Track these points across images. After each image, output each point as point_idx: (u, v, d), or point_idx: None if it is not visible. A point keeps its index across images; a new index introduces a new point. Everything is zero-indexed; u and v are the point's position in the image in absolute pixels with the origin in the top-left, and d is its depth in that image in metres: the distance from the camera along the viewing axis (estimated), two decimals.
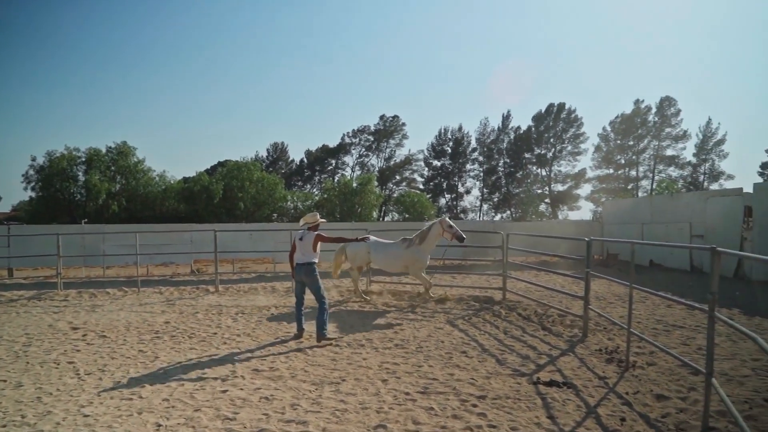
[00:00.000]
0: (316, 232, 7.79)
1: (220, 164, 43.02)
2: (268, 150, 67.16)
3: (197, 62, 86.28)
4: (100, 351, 7.25)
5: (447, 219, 10.71)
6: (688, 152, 56.99)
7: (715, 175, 55.56)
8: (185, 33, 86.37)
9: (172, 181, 36.89)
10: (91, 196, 32.90)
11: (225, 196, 34.22)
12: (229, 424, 4.49)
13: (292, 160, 67.48)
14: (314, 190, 57.58)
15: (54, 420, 4.64)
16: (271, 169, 58.25)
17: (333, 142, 64.93)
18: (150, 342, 7.77)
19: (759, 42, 72.68)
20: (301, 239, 7.74)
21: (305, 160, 65.94)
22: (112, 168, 34.98)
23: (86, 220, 22.37)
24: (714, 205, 16.25)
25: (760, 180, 51.15)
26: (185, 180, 37.17)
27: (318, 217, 8.03)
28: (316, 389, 5.47)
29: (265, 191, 35.82)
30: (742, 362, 6.19)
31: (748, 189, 15.43)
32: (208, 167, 48.52)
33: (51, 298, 12.18)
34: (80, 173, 34.58)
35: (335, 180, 48.03)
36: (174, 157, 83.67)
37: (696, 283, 13.55)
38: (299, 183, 64.32)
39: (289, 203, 39.28)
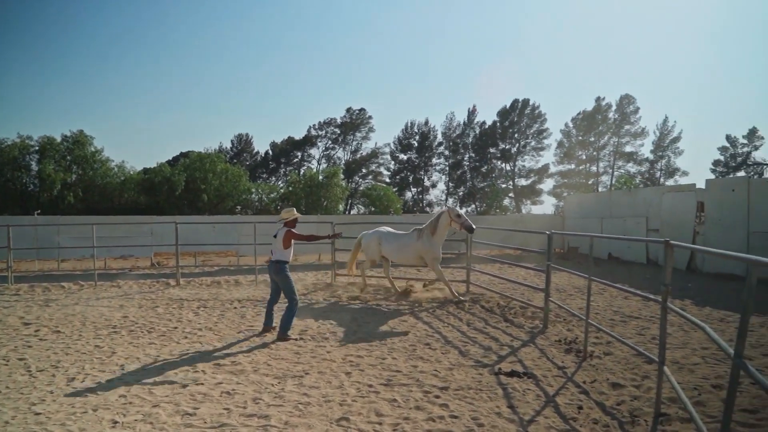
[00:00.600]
0: (287, 229, 7.64)
1: (183, 155, 41.93)
2: (232, 141, 65.81)
3: (158, 50, 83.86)
4: (53, 347, 7.00)
5: (456, 208, 10.24)
6: (646, 149, 58.82)
7: (671, 172, 57.48)
8: (145, 18, 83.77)
9: (131, 172, 35.83)
10: (45, 187, 31.62)
11: (187, 188, 33.48)
12: (189, 420, 4.41)
13: (257, 152, 66.36)
14: (279, 182, 56.86)
15: (2, 419, 4.46)
16: (235, 160, 57.14)
17: (299, 135, 64.21)
18: (107, 337, 7.55)
19: (713, 43, 75.43)
20: (275, 236, 7.68)
21: (270, 152, 64.97)
22: (68, 158, 33.70)
23: (39, 211, 21.49)
24: (669, 201, 16.83)
25: (712, 176, 53.27)
26: (146, 171, 36.14)
27: (294, 212, 7.86)
28: (279, 383, 5.42)
29: (229, 183, 35.20)
30: (692, 351, 6.44)
31: (701, 185, 16.05)
32: (170, 158, 47.27)
33: (1, 293, 11.67)
34: (33, 162, 33.20)
35: (301, 173, 47.59)
36: (134, 147, 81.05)
37: (651, 275, 14.02)
38: (264, 175, 63.35)
39: (253, 196, 38.71)
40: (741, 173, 49.00)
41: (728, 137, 55.29)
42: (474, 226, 9.78)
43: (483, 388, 5.24)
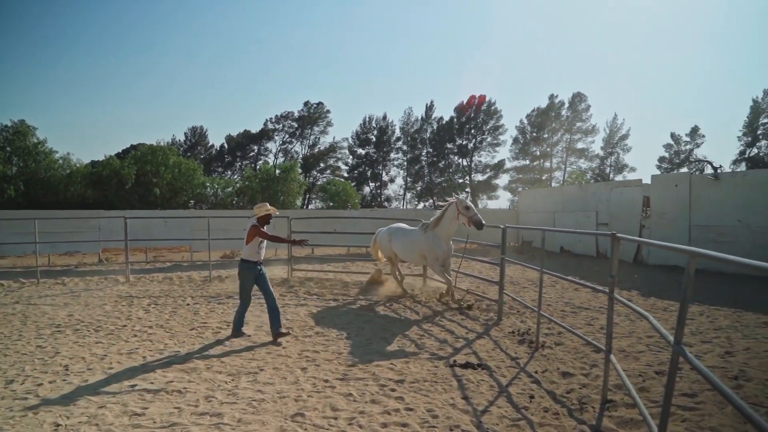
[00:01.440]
0: (251, 224, 7.14)
1: (133, 148, 40.48)
2: (186, 134, 64.04)
3: (107, 38, 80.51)
4: None
5: (466, 200, 8.87)
6: (597, 146, 60.78)
7: (620, 168, 59.58)
8: (94, 5, 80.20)
9: (78, 165, 34.31)
10: None
11: (138, 182, 32.31)
12: (137, 420, 4.26)
13: (212, 146, 64.86)
14: (235, 176, 55.77)
15: None
16: (189, 154, 55.66)
17: (255, 128, 63.14)
18: (50, 337, 7.21)
19: (659, 45, 78.51)
20: (245, 230, 7.24)
21: (226, 145, 63.64)
22: (8, 149, 31.96)
23: None
24: (617, 195, 17.45)
25: (658, 172, 55.58)
26: (93, 164, 34.68)
27: (267, 207, 7.29)
28: (233, 380, 5.32)
29: (182, 177, 34.18)
30: (638, 339, 6.70)
31: (647, 181, 16.72)
32: (119, 151, 45.57)
33: None
34: None
35: (257, 167, 46.79)
36: (80, 139, 77.55)
37: (601, 267, 14.52)
38: (219, 169, 62.05)
39: (208, 190, 37.75)
40: (684, 169, 51.31)
41: (672, 135, 57.92)
42: (484, 222, 8.48)
43: (438, 380, 5.30)
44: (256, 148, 63.52)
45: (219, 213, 21.44)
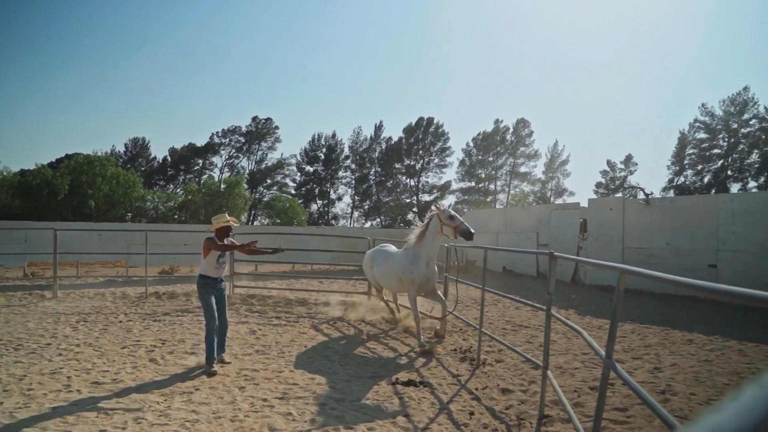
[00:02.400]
0: (206, 237, 6.48)
1: (68, 157, 38.58)
2: (126, 145, 61.67)
3: (39, 41, 76.68)
4: None
5: (448, 209, 7.63)
6: (539, 170, 63.15)
7: (560, 192, 62.09)
8: (30, 7, 76.42)
9: (5, 173, 32.34)
10: None
11: (72, 193, 30.81)
12: None
13: (154, 158, 62.79)
14: (178, 190, 54.11)
15: None
16: (129, 166, 53.59)
17: (201, 141, 61.66)
18: None
19: (595, 76, 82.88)
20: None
21: (169, 158, 61.75)
22: None
23: None
24: (557, 218, 18.11)
25: (594, 197, 58.29)
26: (22, 173, 32.79)
27: (225, 218, 6.64)
28: (165, 400, 5.07)
29: (120, 189, 32.86)
30: (574, 356, 6.90)
31: (585, 204, 17.46)
32: (53, 160, 43.30)
33: None
34: None
35: (201, 181, 45.62)
36: (8, 147, 73.03)
37: (540, 286, 14.94)
38: (161, 182, 60.04)
39: (148, 203, 36.43)
40: (618, 195, 54.00)
41: (608, 162, 60.98)
42: (473, 231, 7.33)
43: (380, 398, 5.25)
44: (201, 162, 61.99)
45: (158, 226, 20.63)
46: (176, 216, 35.29)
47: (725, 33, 72.52)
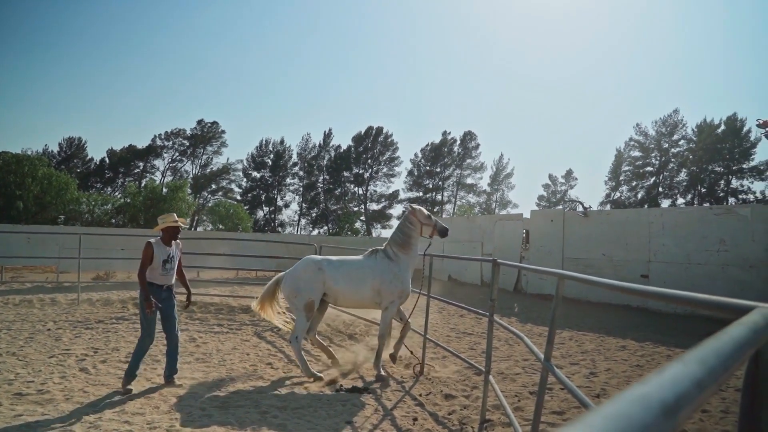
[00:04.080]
0: (148, 240, 5.82)
1: None
2: (60, 145, 58.49)
3: None
4: None
5: (422, 208, 7.02)
6: (484, 182, 64.75)
7: (505, 203, 63.90)
8: None
9: None
10: None
11: None
12: None
13: (91, 159, 59.89)
14: (117, 193, 51.85)
15: None
16: (62, 166, 50.90)
17: (142, 143, 59.37)
18: None
19: (537, 92, 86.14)
20: None
21: (107, 159, 59.07)
22: None
23: None
24: (501, 228, 18.59)
25: (537, 209, 60.32)
26: None
27: (173, 218, 5.96)
28: (96, 412, 4.80)
29: (52, 190, 31.12)
30: (515, 362, 7.08)
31: (528, 215, 18.03)
32: None
33: None
34: None
35: (141, 184, 43.95)
36: None
37: (484, 295, 15.26)
38: (98, 185, 57.34)
39: (83, 206, 34.69)
40: (559, 207, 56.16)
41: (550, 176, 63.33)
42: (447, 227, 7.15)
43: (323, 405, 5.19)
44: (141, 164, 59.65)
45: (92, 230, 19.67)
46: (113, 220, 33.82)
47: (659, 56, 77.22)
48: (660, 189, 55.83)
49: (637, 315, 12.08)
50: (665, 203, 53.79)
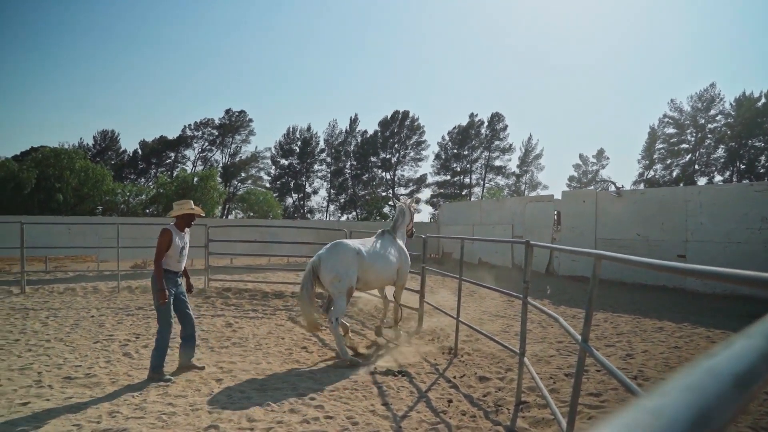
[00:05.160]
0: (162, 228, 5.77)
1: (34, 150, 37.42)
2: (95, 138, 60.05)
3: (2, 31, 74.09)
4: None
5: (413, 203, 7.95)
6: (513, 164, 63.87)
7: (534, 185, 63.03)
8: None
9: None
10: None
11: (39, 187, 29.90)
12: None
13: (124, 151, 61.32)
14: (150, 184, 53.02)
15: None
16: (98, 159, 52.29)
17: (173, 134, 60.43)
18: None
19: (568, 73, 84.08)
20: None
21: (140, 151, 60.42)
22: None
23: None
24: (531, 210, 18.37)
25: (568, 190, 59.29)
26: None
27: (189, 205, 5.97)
28: (141, 394, 4.99)
29: (90, 182, 32.03)
30: (549, 344, 7.03)
31: (559, 197, 17.75)
32: (18, 153, 41.98)
33: None
34: None
35: (173, 174, 44.82)
36: None
37: (516, 278, 15.15)
38: (132, 176, 58.73)
39: (119, 197, 35.63)
40: (591, 188, 55.06)
41: (581, 156, 62.08)
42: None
43: (358, 387, 5.26)
44: (173, 155, 60.80)
45: (129, 220, 20.21)
46: (147, 210, 34.67)
47: (694, 30, 74.35)
48: (696, 166, 54.15)
49: (674, 296, 11.84)
50: (702, 181, 52.21)
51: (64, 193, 30.73)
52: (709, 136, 53.33)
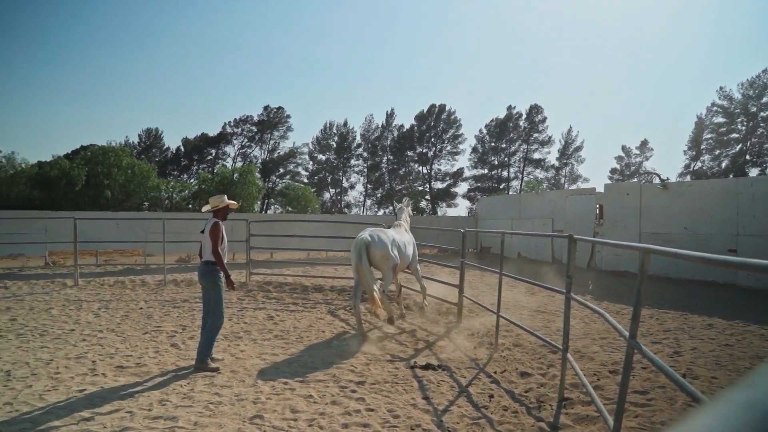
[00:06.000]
0: (215, 220, 5.96)
1: (83, 148, 38.93)
2: (140, 136, 61.96)
3: (54, 35, 77.16)
4: None
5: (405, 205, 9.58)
6: (552, 156, 62.50)
7: (575, 178, 61.47)
8: (43, 3, 76.81)
9: (23, 165, 32.80)
10: None
11: (89, 184, 31.12)
12: (86, 425, 4.07)
13: (168, 148, 63.09)
14: (192, 180, 54.42)
15: None
16: (143, 156, 54.02)
17: (213, 131, 61.80)
18: None
19: (610, 61, 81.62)
20: (203, 231, 6.01)
21: (182, 148, 62.04)
22: None
23: None
24: (572, 203, 17.97)
25: (610, 182, 57.69)
26: (40, 164, 33.21)
27: (225, 199, 6.17)
28: (188, 383, 5.16)
29: (136, 179, 33.12)
30: (592, 341, 6.89)
31: (601, 189, 17.29)
32: (69, 151, 43.75)
33: None
34: None
35: (214, 170, 45.86)
36: (26, 139, 73.78)
37: (555, 272, 14.89)
38: (175, 172, 60.40)
39: (163, 193, 36.72)
40: (635, 180, 53.38)
41: (623, 147, 60.17)
42: None
43: (399, 381, 5.29)
44: (213, 151, 62.16)
45: (175, 215, 20.82)
46: (190, 205, 35.59)
47: (744, 13, 70.84)
48: (747, 157, 51.66)
49: (725, 292, 11.41)
50: (753, 172, 49.84)
51: (111, 190, 31.89)
52: (761, 125, 50.80)
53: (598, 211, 17.11)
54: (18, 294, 10.56)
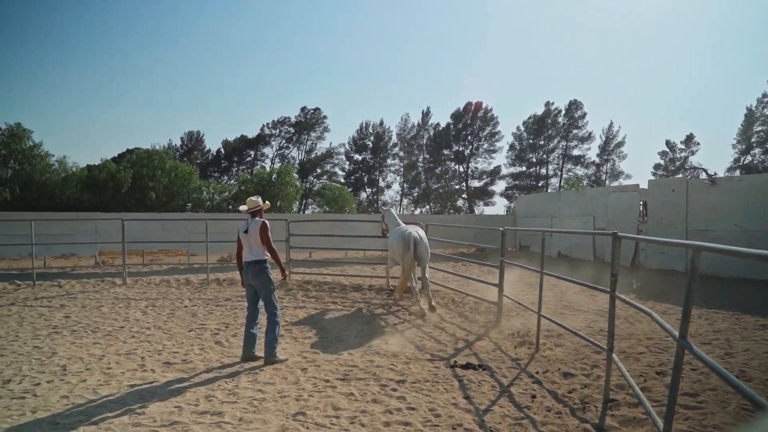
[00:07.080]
0: (262, 221, 6.21)
1: (129, 152, 40.32)
2: (182, 139, 63.80)
3: (103, 41, 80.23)
4: None
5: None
6: (593, 152, 61.02)
7: (616, 175, 59.88)
8: (88, 9, 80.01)
9: (74, 169, 34.23)
10: None
11: (134, 186, 32.25)
12: (137, 419, 4.23)
13: (208, 150, 64.71)
14: (232, 181, 55.60)
15: None
16: (185, 158, 55.58)
17: (252, 133, 63.05)
18: (47, 338, 7.16)
19: (654, 54, 79.03)
20: (246, 231, 6.18)
21: (222, 150, 63.52)
22: (3, 152, 31.84)
23: None
24: (614, 200, 17.50)
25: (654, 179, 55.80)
26: (89, 168, 34.58)
27: (261, 200, 6.56)
28: (233, 380, 5.29)
29: (178, 181, 34.11)
30: (638, 341, 6.69)
31: (645, 186, 16.79)
32: (116, 155, 45.39)
33: None
34: None
35: (253, 171, 46.73)
36: (76, 143, 77.08)
37: (598, 271, 14.54)
38: (216, 174, 61.88)
39: (204, 194, 37.67)
40: (680, 176, 51.51)
41: (668, 142, 58.16)
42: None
43: (439, 380, 5.28)
44: (252, 153, 63.38)
45: (217, 215, 21.34)
46: (230, 206, 36.37)
47: None
48: None
49: None
50: None
51: (156, 192, 32.92)
52: None
53: (642, 209, 16.62)
54: (71, 292, 11.04)
